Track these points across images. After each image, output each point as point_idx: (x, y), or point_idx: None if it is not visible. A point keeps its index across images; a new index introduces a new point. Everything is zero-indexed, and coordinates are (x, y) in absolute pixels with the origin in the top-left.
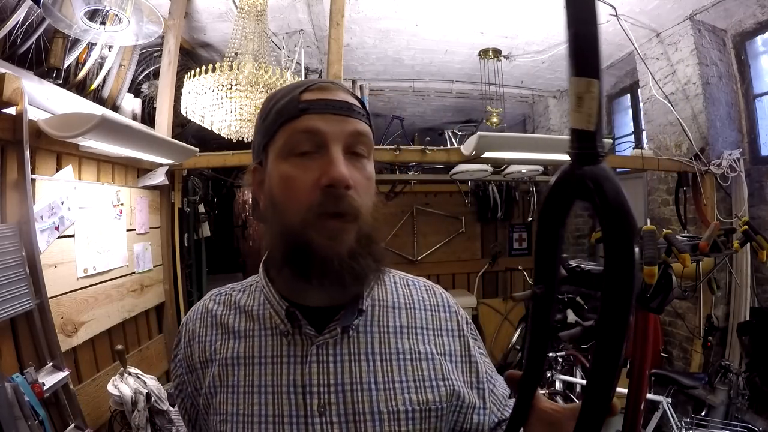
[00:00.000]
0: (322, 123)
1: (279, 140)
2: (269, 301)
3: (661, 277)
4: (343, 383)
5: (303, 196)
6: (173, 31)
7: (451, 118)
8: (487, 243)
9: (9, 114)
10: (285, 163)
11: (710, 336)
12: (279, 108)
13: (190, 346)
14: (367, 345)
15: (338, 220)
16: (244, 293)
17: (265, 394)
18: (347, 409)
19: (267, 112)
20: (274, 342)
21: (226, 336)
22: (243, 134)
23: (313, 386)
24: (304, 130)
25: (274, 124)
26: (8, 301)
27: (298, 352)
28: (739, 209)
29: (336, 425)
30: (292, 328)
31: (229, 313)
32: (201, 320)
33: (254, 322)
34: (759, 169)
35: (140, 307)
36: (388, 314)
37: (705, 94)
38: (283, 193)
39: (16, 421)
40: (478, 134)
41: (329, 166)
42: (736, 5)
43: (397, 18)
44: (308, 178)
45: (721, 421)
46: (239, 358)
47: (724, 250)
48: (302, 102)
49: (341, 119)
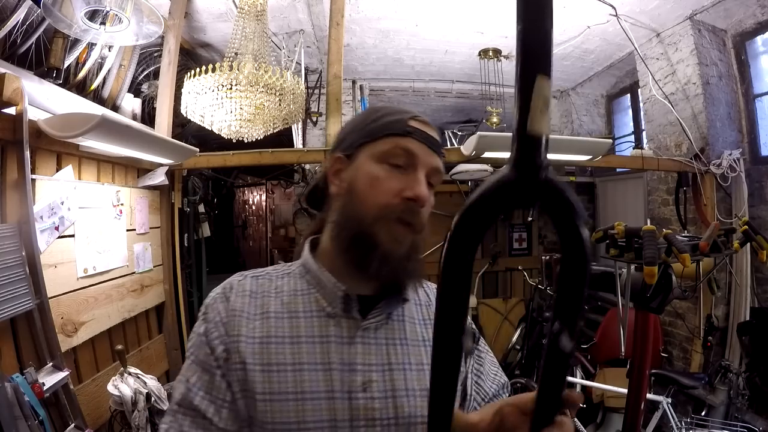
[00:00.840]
0: (419, 149)
1: (380, 146)
2: (319, 284)
3: (661, 277)
4: (383, 363)
5: (384, 198)
6: (173, 31)
7: (451, 118)
8: (486, 243)
9: (9, 114)
10: (378, 165)
11: (710, 336)
12: (388, 122)
13: (236, 318)
14: (401, 332)
15: (407, 228)
16: (283, 279)
17: (316, 371)
18: (386, 386)
19: (372, 119)
20: (320, 323)
21: (266, 316)
22: (243, 134)
23: (358, 364)
24: (405, 149)
25: (379, 132)
26: (8, 301)
27: (345, 333)
28: (739, 209)
29: (377, 400)
30: (340, 311)
31: (269, 294)
32: (241, 296)
33: (297, 305)
34: (759, 169)
35: (140, 307)
36: (413, 308)
37: (705, 94)
38: (367, 189)
39: (16, 421)
40: (478, 134)
41: (415, 183)
42: (736, 5)
43: (397, 18)
44: (393, 185)
45: (721, 421)
46: (283, 337)
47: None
48: (409, 126)
49: (431, 153)
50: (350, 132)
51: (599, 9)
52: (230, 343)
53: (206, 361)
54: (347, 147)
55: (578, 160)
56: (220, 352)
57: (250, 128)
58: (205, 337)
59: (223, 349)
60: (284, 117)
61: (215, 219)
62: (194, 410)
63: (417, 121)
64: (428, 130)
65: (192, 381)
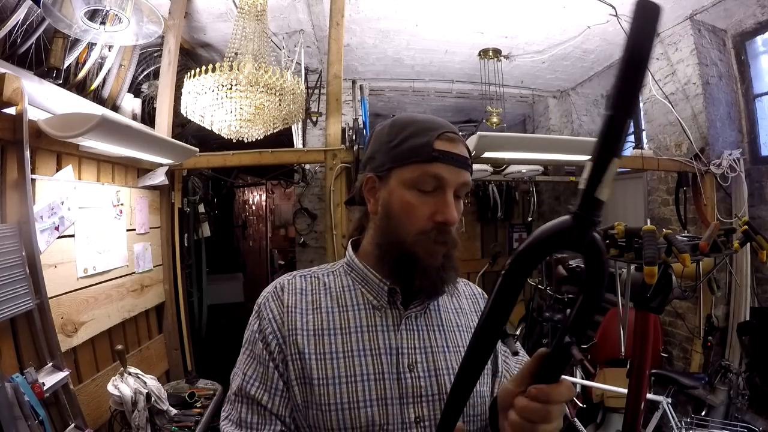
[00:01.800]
0: (447, 172)
1: (408, 173)
2: (365, 280)
3: (661, 277)
4: (425, 346)
5: (419, 223)
6: (173, 31)
7: (451, 118)
8: (487, 243)
9: (9, 114)
10: (409, 192)
11: (710, 336)
12: (414, 145)
13: (290, 314)
14: (438, 319)
15: (441, 245)
16: (329, 277)
17: (365, 356)
18: (429, 366)
19: (398, 140)
20: (368, 314)
21: (317, 311)
22: (243, 134)
23: (404, 348)
24: (433, 175)
25: (407, 157)
26: (8, 301)
27: (391, 322)
28: (739, 209)
29: (422, 378)
30: (386, 303)
31: (319, 292)
32: (293, 295)
33: (346, 299)
34: (759, 169)
35: (140, 307)
36: (446, 299)
37: (705, 94)
38: (402, 215)
39: (16, 421)
40: (478, 134)
41: (446, 207)
42: (736, 5)
43: (397, 18)
44: (426, 210)
45: (721, 421)
46: (335, 328)
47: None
48: (435, 150)
49: (458, 171)
50: (378, 151)
51: (599, 9)
52: (286, 337)
53: (261, 354)
54: (378, 167)
55: (578, 160)
56: (274, 347)
57: (250, 128)
58: (260, 334)
59: (276, 344)
60: (284, 117)
61: (215, 219)
62: (251, 398)
63: (443, 140)
64: (455, 149)
65: (248, 373)
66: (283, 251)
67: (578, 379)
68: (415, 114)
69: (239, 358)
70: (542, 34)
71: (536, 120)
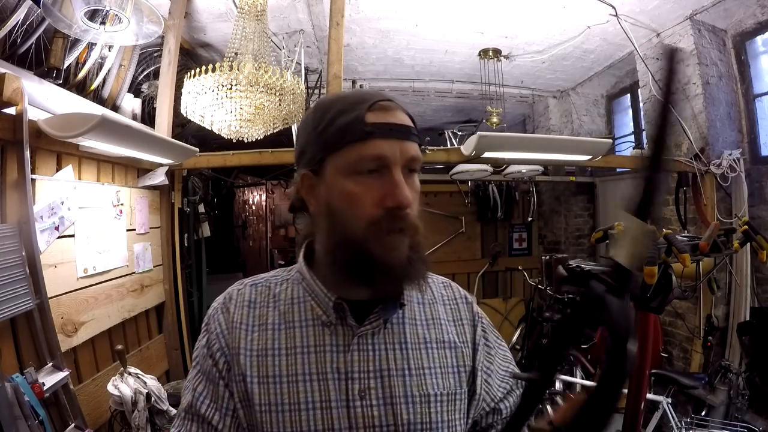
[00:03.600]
0: (387, 148)
1: (343, 158)
2: (313, 293)
3: (661, 277)
4: (381, 369)
5: (366, 213)
6: (173, 31)
7: (451, 118)
8: (487, 243)
9: (9, 114)
10: (348, 180)
11: (710, 336)
12: (342, 125)
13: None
14: (401, 335)
15: (398, 234)
16: (282, 286)
17: (310, 381)
18: (385, 392)
19: (325, 124)
20: (316, 332)
21: (263, 327)
22: (243, 134)
23: (355, 372)
24: (372, 156)
25: (338, 141)
26: (8, 301)
27: (341, 342)
28: (739, 209)
29: (375, 408)
30: (335, 319)
31: (267, 304)
32: (240, 307)
33: (294, 314)
34: (759, 169)
35: (140, 307)
36: (415, 308)
37: (705, 94)
38: (346, 208)
39: (16, 421)
40: (478, 134)
41: (394, 188)
42: (736, 5)
43: (397, 18)
44: (372, 196)
45: (721, 421)
46: (280, 348)
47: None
48: (368, 125)
49: (402, 143)
50: (307, 142)
51: (599, 9)
52: (230, 356)
53: (210, 371)
54: (310, 161)
55: (578, 160)
56: (222, 364)
57: (250, 128)
58: (207, 349)
59: (224, 361)
60: (284, 117)
61: (215, 219)
62: (201, 417)
63: (375, 110)
64: (391, 118)
65: (198, 390)
66: (283, 251)
67: (578, 379)
68: (341, 92)
69: (190, 372)
70: (542, 34)
71: (536, 120)
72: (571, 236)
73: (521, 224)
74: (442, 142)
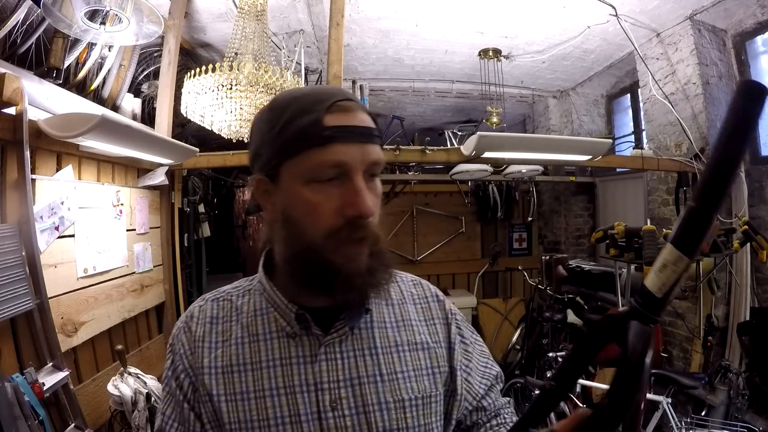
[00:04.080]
0: (348, 153)
1: (301, 164)
2: (274, 305)
3: None
4: (351, 378)
5: (325, 223)
6: (173, 31)
7: (451, 118)
8: (487, 243)
9: (9, 114)
10: (306, 188)
11: (710, 336)
12: (299, 128)
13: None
14: (369, 340)
15: (359, 244)
16: (244, 298)
17: (278, 396)
18: (357, 401)
19: (280, 126)
20: (281, 344)
21: (227, 343)
22: (243, 134)
23: (324, 383)
24: (333, 163)
25: (294, 146)
26: (8, 301)
27: (307, 352)
28: (739, 209)
29: (348, 417)
30: (300, 329)
31: (230, 319)
32: (202, 325)
33: (257, 327)
34: (759, 169)
35: (140, 307)
36: (383, 310)
37: (705, 94)
38: (304, 218)
39: (16, 421)
40: (478, 134)
41: (356, 197)
42: (736, 5)
43: (397, 18)
44: (331, 205)
45: (721, 421)
46: (245, 364)
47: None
48: (327, 128)
49: (362, 146)
50: (261, 144)
51: (599, 9)
52: (195, 376)
53: (176, 394)
54: (265, 165)
55: (578, 160)
56: (187, 386)
57: (250, 128)
58: (172, 371)
59: (189, 383)
60: None
61: (215, 219)
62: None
63: (335, 112)
64: (352, 120)
65: (167, 413)
66: None
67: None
68: (298, 89)
69: (161, 394)
70: (542, 34)
71: (536, 120)
72: (571, 236)
73: (521, 224)
74: (442, 142)
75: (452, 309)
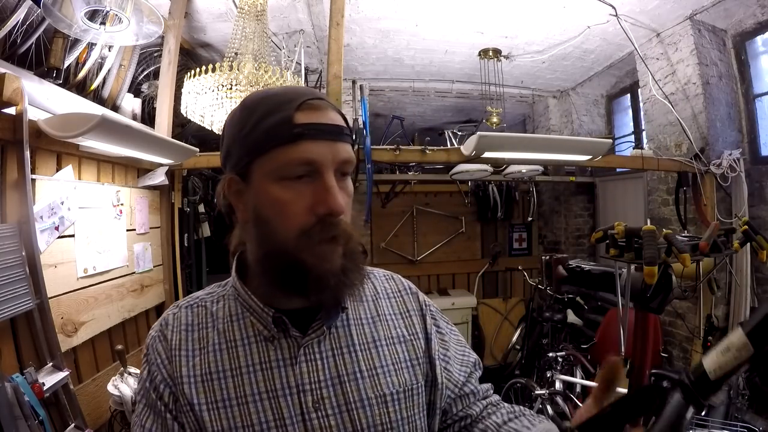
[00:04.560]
0: (318, 150)
1: (271, 162)
2: (250, 309)
3: (661, 277)
4: (332, 377)
5: (296, 221)
6: (173, 31)
7: (451, 118)
8: (487, 243)
9: (9, 114)
10: (276, 185)
11: (710, 336)
12: (269, 126)
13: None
14: (347, 338)
15: (332, 243)
16: (218, 303)
17: (261, 401)
18: (339, 400)
19: (251, 126)
20: (259, 349)
21: (204, 351)
22: None
23: (306, 384)
24: (302, 160)
25: (264, 144)
26: (8, 301)
27: (286, 355)
28: (739, 209)
29: (331, 417)
30: (277, 332)
31: (206, 325)
32: (178, 332)
33: (234, 332)
34: (759, 169)
35: (140, 307)
36: (359, 307)
37: (705, 94)
38: (275, 216)
39: (16, 421)
40: (478, 134)
41: (326, 195)
42: (736, 5)
43: (397, 18)
44: (302, 203)
45: (721, 421)
46: (225, 370)
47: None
48: (296, 126)
49: (333, 144)
50: (232, 143)
51: (599, 9)
52: (174, 386)
53: (156, 405)
54: (236, 164)
55: (578, 160)
56: (168, 396)
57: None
58: (150, 382)
59: (169, 392)
60: None
61: (215, 219)
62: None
63: (305, 110)
64: (321, 118)
65: (147, 426)
66: None
67: (578, 379)
68: (269, 89)
69: (137, 407)
70: (542, 34)
71: (536, 120)
72: (571, 236)
73: (521, 224)
74: (442, 142)
75: (426, 300)
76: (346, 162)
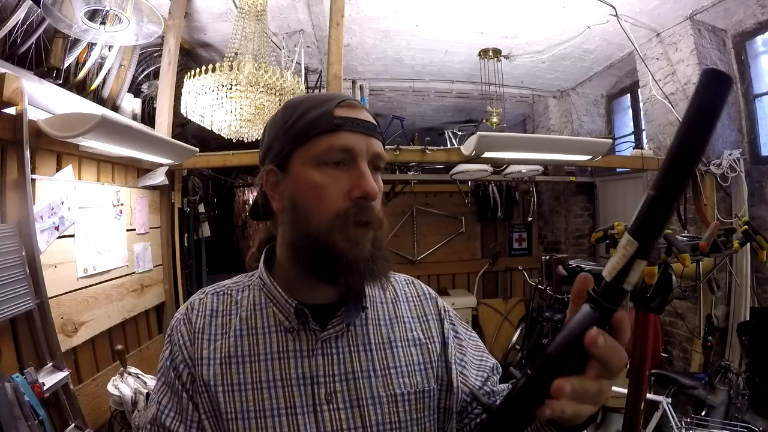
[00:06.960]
0: (355, 140)
1: (311, 149)
2: (274, 299)
3: (661, 277)
4: (346, 372)
5: (333, 204)
6: (173, 31)
7: (451, 118)
8: (487, 243)
9: (9, 114)
10: (316, 171)
11: (710, 336)
12: (312, 118)
13: (198, 340)
14: (364, 336)
15: (364, 228)
16: (243, 293)
17: (275, 388)
18: (351, 395)
19: (294, 119)
20: (279, 338)
21: (226, 336)
22: (243, 134)
23: (320, 377)
24: (341, 147)
25: (306, 132)
26: (8, 301)
27: (304, 347)
28: (739, 209)
29: (342, 411)
30: (297, 324)
31: (229, 312)
32: (202, 317)
33: (256, 321)
34: (759, 169)
35: (140, 307)
36: (378, 308)
37: None
38: (312, 199)
39: (16, 421)
40: (478, 134)
41: (361, 180)
42: (736, 5)
43: (397, 18)
44: (339, 188)
45: (721, 421)
46: (243, 356)
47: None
48: (337, 118)
49: (368, 138)
50: (274, 138)
51: (599, 9)
52: (194, 367)
53: (174, 384)
54: (276, 156)
55: (578, 160)
56: (186, 376)
57: (250, 128)
58: (171, 361)
59: (188, 373)
60: None
61: (215, 219)
62: (165, 430)
63: (344, 106)
64: (358, 114)
65: (163, 402)
66: None
67: None
68: (309, 94)
69: (155, 385)
70: (542, 34)
71: (536, 120)
72: (571, 236)
73: (521, 224)
74: (442, 142)
75: (445, 306)
76: (378, 156)
